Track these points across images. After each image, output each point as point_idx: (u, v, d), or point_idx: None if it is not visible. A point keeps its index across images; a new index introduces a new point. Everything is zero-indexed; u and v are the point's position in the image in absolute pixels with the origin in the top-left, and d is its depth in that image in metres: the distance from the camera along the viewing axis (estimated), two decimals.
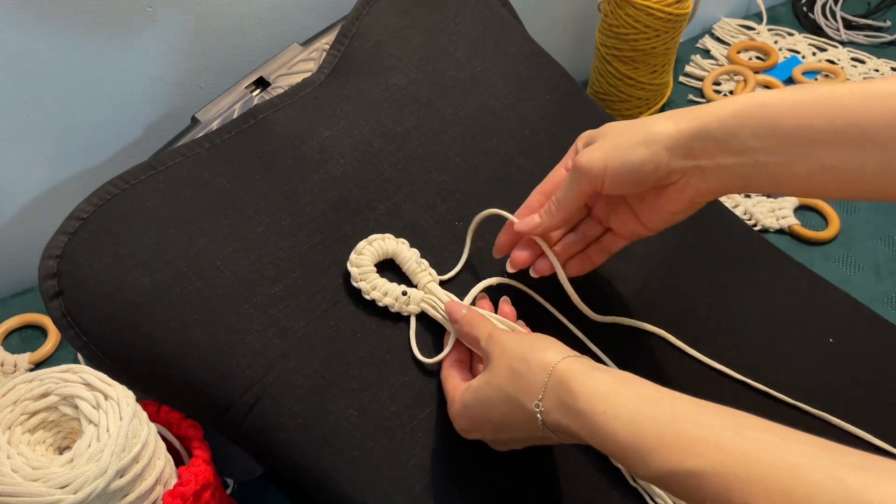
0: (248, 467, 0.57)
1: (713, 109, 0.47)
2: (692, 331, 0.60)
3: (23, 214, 0.74)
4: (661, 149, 0.48)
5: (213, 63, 0.74)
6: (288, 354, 0.53)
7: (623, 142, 0.49)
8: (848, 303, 0.64)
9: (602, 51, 0.89)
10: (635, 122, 0.50)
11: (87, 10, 0.65)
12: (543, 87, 0.70)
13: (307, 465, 0.51)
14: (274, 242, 0.56)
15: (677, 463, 0.37)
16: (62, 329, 0.53)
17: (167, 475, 0.47)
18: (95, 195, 0.55)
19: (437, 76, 0.66)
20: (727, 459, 0.36)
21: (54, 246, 0.53)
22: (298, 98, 0.63)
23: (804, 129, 0.45)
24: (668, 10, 0.82)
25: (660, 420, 0.39)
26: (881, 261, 0.78)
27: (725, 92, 0.98)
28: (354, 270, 0.56)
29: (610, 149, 0.50)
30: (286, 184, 0.58)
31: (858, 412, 0.57)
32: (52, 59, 0.66)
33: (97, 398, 0.44)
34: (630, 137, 0.49)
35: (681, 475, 0.37)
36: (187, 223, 0.55)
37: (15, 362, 0.70)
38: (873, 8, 1.09)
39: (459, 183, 0.62)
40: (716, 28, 1.07)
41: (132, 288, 0.52)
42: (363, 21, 0.67)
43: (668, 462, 0.38)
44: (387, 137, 0.62)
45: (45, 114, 0.69)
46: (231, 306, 0.53)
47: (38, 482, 0.41)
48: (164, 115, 0.75)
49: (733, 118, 0.46)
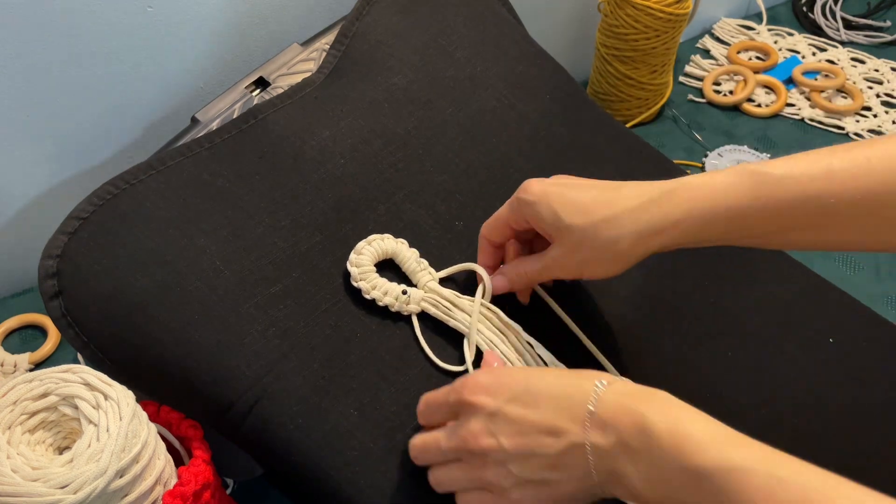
0: (248, 467, 0.57)
1: (679, 214, 0.46)
2: (692, 331, 0.60)
3: (23, 214, 0.74)
4: (628, 260, 0.48)
5: (213, 63, 0.74)
6: (288, 354, 0.53)
7: (590, 256, 0.49)
8: (848, 303, 0.64)
9: (602, 51, 0.89)
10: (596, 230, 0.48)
11: (87, 10, 0.65)
12: (543, 87, 0.69)
13: (307, 465, 0.51)
14: (274, 242, 0.56)
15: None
16: (62, 329, 0.53)
17: (167, 475, 0.47)
18: (95, 195, 0.55)
19: (436, 76, 0.66)
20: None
21: (54, 246, 0.53)
22: (298, 98, 0.63)
23: (774, 228, 0.45)
24: (668, 10, 0.82)
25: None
26: (881, 261, 0.78)
27: (725, 92, 0.98)
28: (354, 270, 0.56)
29: (577, 260, 0.49)
30: (286, 184, 0.58)
31: (858, 412, 0.57)
32: (52, 60, 0.66)
33: (97, 398, 0.44)
34: (598, 253, 0.48)
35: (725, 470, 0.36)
36: (187, 223, 0.55)
37: (15, 362, 0.70)
38: (873, 8, 1.09)
39: (459, 183, 0.62)
40: (716, 28, 1.07)
41: (132, 288, 0.52)
42: (363, 21, 0.67)
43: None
44: (387, 138, 0.62)
45: (45, 114, 0.69)
46: (231, 306, 0.53)
47: (38, 482, 0.41)
48: (164, 115, 0.75)
49: (701, 229, 0.46)
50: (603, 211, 0.47)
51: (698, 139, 0.91)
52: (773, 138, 0.92)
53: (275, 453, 0.52)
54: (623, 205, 0.47)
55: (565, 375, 0.44)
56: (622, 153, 0.70)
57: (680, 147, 0.91)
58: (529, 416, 0.42)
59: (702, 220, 0.45)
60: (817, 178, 0.43)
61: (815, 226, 0.44)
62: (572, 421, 0.41)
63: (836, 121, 0.94)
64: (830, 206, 0.43)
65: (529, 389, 0.43)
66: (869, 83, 0.99)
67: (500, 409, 0.43)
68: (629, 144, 0.71)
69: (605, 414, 0.40)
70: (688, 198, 0.46)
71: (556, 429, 0.41)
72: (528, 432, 0.42)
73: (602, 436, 0.40)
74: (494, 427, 0.43)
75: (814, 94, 0.96)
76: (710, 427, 0.38)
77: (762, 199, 0.44)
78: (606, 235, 0.47)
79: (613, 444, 0.39)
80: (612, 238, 0.47)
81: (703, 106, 0.96)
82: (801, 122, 0.94)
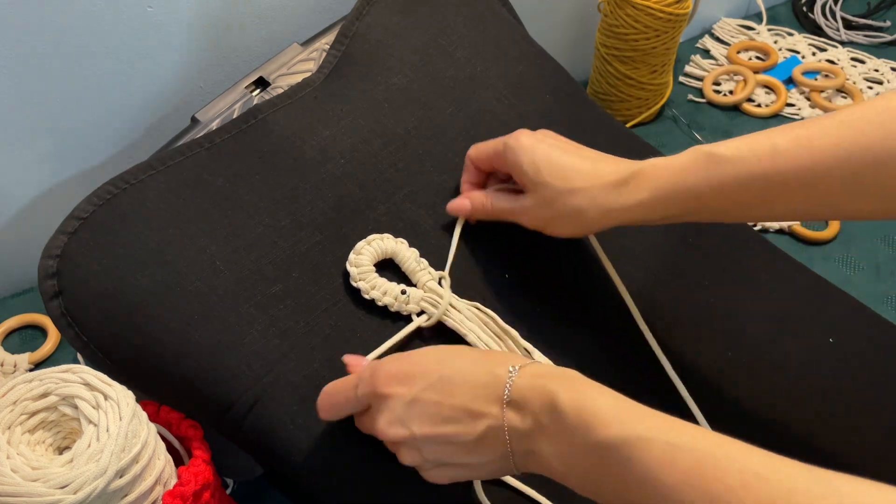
0: (248, 467, 0.57)
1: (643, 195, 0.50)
2: (692, 330, 0.60)
3: (23, 214, 0.74)
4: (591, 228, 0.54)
5: (213, 63, 0.74)
6: (288, 354, 0.53)
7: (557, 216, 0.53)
8: (848, 303, 0.64)
9: (602, 51, 0.89)
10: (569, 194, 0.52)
11: (87, 10, 0.65)
12: (543, 87, 0.69)
13: (307, 465, 0.51)
14: (274, 242, 0.56)
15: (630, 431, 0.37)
16: (62, 329, 0.53)
17: (167, 475, 0.47)
18: (95, 195, 0.55)
19: (436, 76, 0.66)
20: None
21: (54, 246, 0.53)
22: (298, 98, 0.63)
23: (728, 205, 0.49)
24: (668, 10, 0.82)
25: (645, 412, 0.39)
26: (881, 261, 0.78)
27: (725, 92, 0.98)
28: (353, 270, 0.56)
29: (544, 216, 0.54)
30: (286, 184, 0.58)
31: (858, 412, 0.57)
32: (52, 59, 0.66)
33: (97, 398, 0.44)
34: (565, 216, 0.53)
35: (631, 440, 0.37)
36: (187, 223, 0.55)
37: (15, 362, 0.70)
38: (873, 8, 1.09)
39: (459, 183, 0.62)
40: (716, 28, 1.07)
41: (132, 288, 0.52)
42: (363, 21, 0.67)
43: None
44: (387, 137, 0.62)
45: (45, 114, 0.69)
46: (231, 306, 0.53)
47: (38, 482, 0.41)
48: (164, 115, 0.75)
49: (664, 207, 0.50)
50: (578, 180, 0.52)
51: (698, 139, 0.91)
52: None
53: (275, 453, 0.52)
54: (597, 180, 0.51)
55: (478, 361, 0.44)
56: (622, 153, 0.69)
57: (680, 147, 0.90)
58: (446, 402, 0.42)
59: (664, 200, 0.50)
60: (763, 157, 0.47)
61: (764, 201, 0.48)
62: (490, 404, 0.42)
63: None
64: (776, 183, 0.47)
65: (443, 377, 0.43)
66: (869, 83, 0.99)
67: (417, 398, 0.43)
68: (629, 144, 0.71)
69: (520, 396, 0.41)
70: (652, 178, 0.50)
71: (475, 412, 0.42)
72: (447, 419, 0.42)
73: (518, 417, 0.41)
74: (408, 416, 0.43)
75: (814, 94, 0.96)
76: (613, 402, 0.39)
77: (714, 179, 0.48)
78: (576, 203, 0.52)
79: (529, 425, 0.41)
80: (581, 207, 0.52)
81: (703, 106, 0.96)
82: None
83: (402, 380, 0.44)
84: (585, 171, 0.52)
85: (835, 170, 0.46)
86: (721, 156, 0.48)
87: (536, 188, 0.53)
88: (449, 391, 0.43)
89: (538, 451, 0.41)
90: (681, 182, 0.49)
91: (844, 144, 0.45)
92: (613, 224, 0.53)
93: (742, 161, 0.47)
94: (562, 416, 0.39)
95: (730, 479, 0.34)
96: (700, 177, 0.49)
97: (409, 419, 0.43)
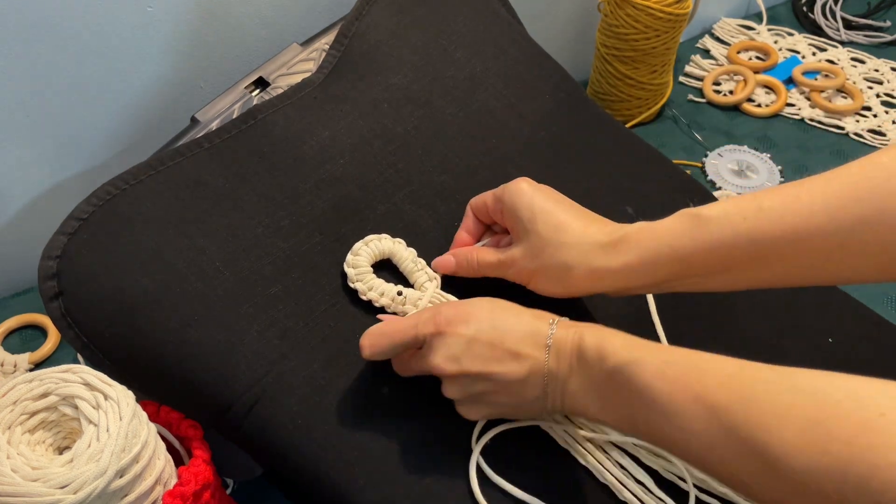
0: (248, 467, 0.57)
1: (629, 258, 0.50)
2: (692, 330, 0.60)
3: (23, 214, 0.74)
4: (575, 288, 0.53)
5: (213, 63, 0.74)
6: (287, 354, 0.53)
7: (543, 269, 0.52)
8: (848, 303, 0.64)
9: (602, 51, 0.89)
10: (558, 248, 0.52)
11: (87, 10, 0.65)
12: (543, 87, 0.70)
13: (307, 465, 0.51)
14: (273, 243, 0.56)
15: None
16: (62, 330, 0.53)
17: (167, 475, 0.47)
18: (95, 195, 0.55)
19: (436, 76, 0.66)
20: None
21: (54, 246, 0.53)
22: (298, 98, 0.63)
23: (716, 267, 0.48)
24: (668, 10, 0.82)
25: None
26: None
27: (725, 92, 0.98)
28: (351, 271, 0.56)
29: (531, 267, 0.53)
30: (286, 184, 0.58)
31: None
32: (52, 60, 0.66)
33: (97, 398, 0.44)
34: (551, 270, 0.52)
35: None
36: (187, 223, 0.55)
37: (15, 362, 0.70)
38: (873, 8, 1.09)
39: (459, 183, 0.62)
40: (716, 28, 1.07)
41: (132, 288, 0.52)
42: (363, 21, 0.67)
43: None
44: (386, 137, 0.62)
45: (45, 114, 0.69)
46: (231, 306, 0.53)
47: (38, 482, 0.41)
48: (164, 115, 0.75)
49: (650, 272, 0.49)
50: (569, 235, 0.52)
51: (698, 139, 0.91)
52: (773, 138, 0.92)
53: (275, 453, 0.52)
54: (587, 238, 0.51)
55: (521, 314, 0.49)
56: (622, 153, 0.70)
57: (680, 147, 0.91)
58: (499, 344, 0.48)
59: (651, 262, 0.49)
60: (749, 215, 0.46)
61: (752, 263, 0.47)
62: (536, 349, 0.48)
63: (836, 121, 0.94)
64: (763, 243, 0.46)
65: (495, 324, 0.48)
66: (869, 83, 0.99)
67: (475, 338, 0.48)
68: (629, 144, 0.71)
69: (559, 343, 0.47)
70: (639, 239, 0.50)
71: (522, 355, 0.48)
72: (498, 359, 0.48)
73: (556, 362, 0.47)
74: (464, 354, 0.48)
75: (814, 94, 0.96)
76: (623, 338, 0.46)
77: (699, 240, 0.48)
78: (564, 257, 0.51)
79: (565, 369, 0.47)
80: (568, 263, 0.51)
81: (703, 106, 0.96)
82: (801, 122, 0.94)
83: (462, 322, 0.48)
84: (577, 228, 0.52)
85: (825, 225, 0.44)
86: (706, 216, 0.48)
87: (528, 236, 0.53)
88: (500, 336, 0.48)
89: (569, 391, 0.47)
90: (666, 244, 0.48)
91: (832, 199, 0.44)
92: (599, 289, 0.52)
93: (727, 220, 0.47)
94: (585, 354, 0.46)
95: (708, 380, 0.41)
96: (686, 238, 0.48)
97: (464, 357, 0.48)
